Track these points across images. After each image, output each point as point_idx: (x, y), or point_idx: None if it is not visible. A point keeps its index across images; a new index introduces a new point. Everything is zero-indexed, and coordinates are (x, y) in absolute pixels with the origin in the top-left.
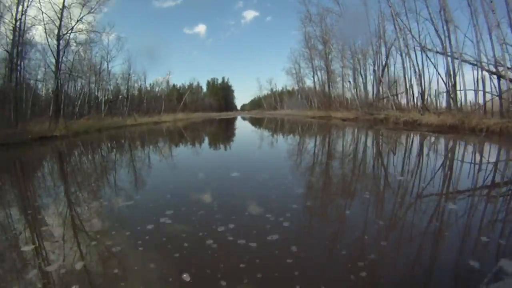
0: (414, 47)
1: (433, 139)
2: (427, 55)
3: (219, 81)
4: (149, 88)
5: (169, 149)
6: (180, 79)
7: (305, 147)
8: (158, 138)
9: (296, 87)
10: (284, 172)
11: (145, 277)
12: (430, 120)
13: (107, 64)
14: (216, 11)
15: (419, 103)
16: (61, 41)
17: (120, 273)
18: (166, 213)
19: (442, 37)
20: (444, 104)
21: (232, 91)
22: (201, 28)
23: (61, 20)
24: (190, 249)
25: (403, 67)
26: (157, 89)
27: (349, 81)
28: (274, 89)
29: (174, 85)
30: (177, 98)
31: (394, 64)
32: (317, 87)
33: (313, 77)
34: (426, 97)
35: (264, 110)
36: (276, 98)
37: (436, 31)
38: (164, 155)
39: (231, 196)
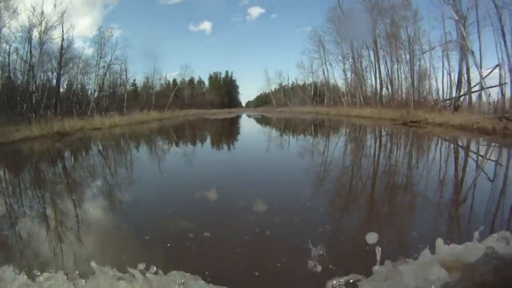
0: None
1: None
2: None
3: (223, 75)
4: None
5: None
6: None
7: None
8: None
9: (314, 79)
10: None
11: None
12: None
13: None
14: (221, 8)
15: None
16: None
17: None
18: None
19: None
20: None
21: (237, 86)
22: (206, 25)
23: None
24: None
25: None
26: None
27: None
28: (285, 83)
29: (174, 80)
30: (174, 94)
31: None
32: (349, 76)
33: (353, 59)
34: None
35: (273, 106)
36: (289, 93)
37: None
38: None
39: None
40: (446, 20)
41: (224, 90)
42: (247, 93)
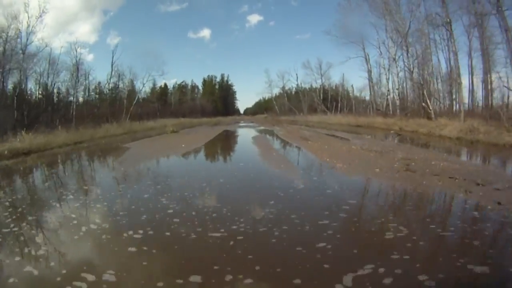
0: None
1: None
2: None
3: (218, 79)
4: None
5: None
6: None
7: None
8: None
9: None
10: None
11: None
12: None
13: None
14: (221, 15)
15: None
16: None
17: None
18: None
19: None
20: None
21: (234, 92)
22: (205, 33)
23: None
24: None
25: None
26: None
27: None
28: (288, 86)
29: (165, 85)
30: (162, 100)
31: None
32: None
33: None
34: None
35: (276, 114)
36: (298, 97)
37: None
38: None
39: None
40: None
41: (219, 95)
42: (245, 100)
